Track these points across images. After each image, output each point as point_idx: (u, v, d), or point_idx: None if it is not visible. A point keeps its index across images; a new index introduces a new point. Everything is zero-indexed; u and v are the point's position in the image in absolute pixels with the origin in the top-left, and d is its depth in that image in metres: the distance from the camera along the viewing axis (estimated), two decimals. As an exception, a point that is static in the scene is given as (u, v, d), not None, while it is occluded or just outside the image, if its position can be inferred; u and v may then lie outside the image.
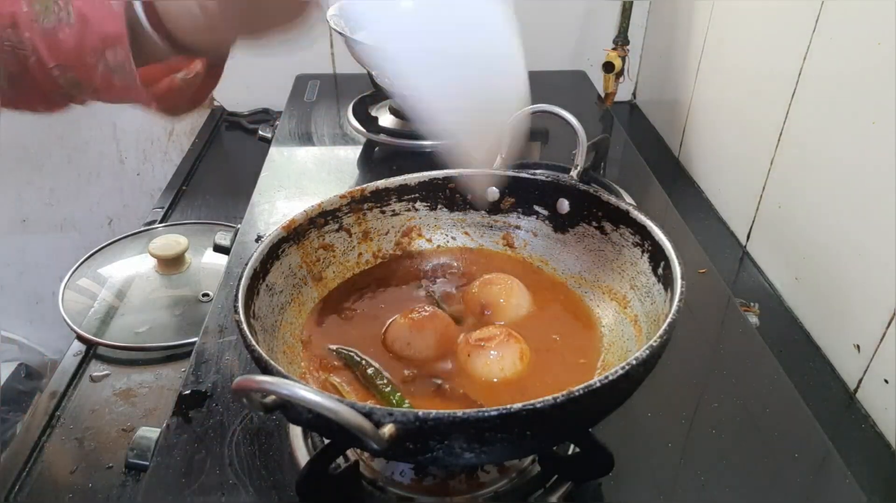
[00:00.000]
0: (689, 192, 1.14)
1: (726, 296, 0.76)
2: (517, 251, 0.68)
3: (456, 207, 0.68)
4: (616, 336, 0.57)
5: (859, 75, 0.74)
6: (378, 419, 0.39)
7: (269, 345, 0.53)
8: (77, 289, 0.91)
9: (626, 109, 1.46)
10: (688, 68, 1.17)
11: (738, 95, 1.01)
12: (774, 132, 0.89)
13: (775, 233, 0.91)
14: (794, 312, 0.86)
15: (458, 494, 0.53)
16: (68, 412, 0.73)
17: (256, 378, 0.39)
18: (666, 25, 1.30)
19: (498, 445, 0.43)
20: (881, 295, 0.70)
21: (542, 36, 1.40)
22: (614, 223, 0.61)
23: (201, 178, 1.25)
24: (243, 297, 0.50)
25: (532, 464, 0.56)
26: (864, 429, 0.72)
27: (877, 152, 0.71)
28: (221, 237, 0.88)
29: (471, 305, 0.61)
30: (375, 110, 1.14)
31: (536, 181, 0.66)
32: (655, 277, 0.55)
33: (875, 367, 0.72)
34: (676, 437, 0.59)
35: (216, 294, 0.76)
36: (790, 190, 0.88)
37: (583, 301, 0.62)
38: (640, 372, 0.44)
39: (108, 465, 0.67)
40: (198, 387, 0.63)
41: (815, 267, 0.83)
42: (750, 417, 0.60)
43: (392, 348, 0.57)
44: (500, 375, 0.53)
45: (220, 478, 0.54)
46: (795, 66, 0.84)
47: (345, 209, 0.64)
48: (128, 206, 1.54)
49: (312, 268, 0.62)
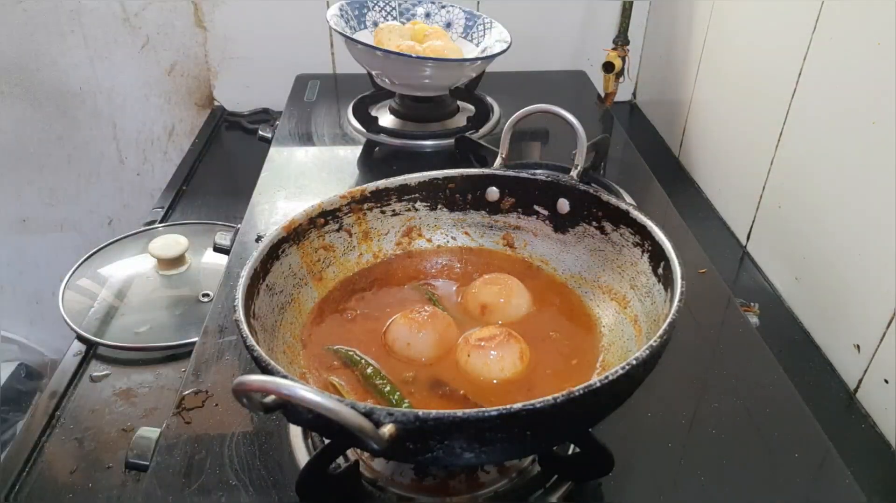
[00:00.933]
0: (689, 192, 1.14)
1: (726, 296, 0.76)
2: (517, 251, 0.68)
3: (456, 207, 0.68)
4: (616, 336, 0.57)
5: (859, 75, 0.74)
6: (378, 419, 0.39)
7: (269, 345, 0.53)
8: (77, 290, 0.91)
9: (626, 109, 1.46)
10: (688, 68, 1.17)
11: (738, 95, 1.01)
12: (774, 132, 0.89)
13: (775, 233, 0.91)
14: (794, 312, 0.86)
15: (458, 494, 0.53)
16: (68, 412, 0.73)
17: (256, 378, 0.39)
18: (666, 25, 1.30)
19: (498, 445, 0.43)
20: (881, 295, 0.70)
21: (542, 36, 1.40)
22: (614, 223, 0.61)
23: (201, 178, 1.25)
24: (243, 297, 0.50)
25: (532, 464, 0.56)
26: (864, 429, 0.72)
27: (877, 152, 0.71)
28: (221, 237, 0.88)
29: (471, 305, 0.61)
30: (375, 110, 1.14)
31: (536, 181, 0.66)
32: (655, 277, 0.55)
33: (875, 367, 0.72)
34: (676, 437, 0.59)
35: (216, 294, 0.76)
36: (790, 190, 0.88)
37: (583, 301, 0.62)
38: (640, 372, 0.44)
39: (108, 465, 0.67)
40: (198, 387, 0.63)
41: (815, 267, 0.83)
42: (750, 417, 0.60)
43: (392, 348, 0.57)
44: (500, 375, 0.53)
45: (220, 478, 0.54)
46: (795, 66, 0.84)
47: (345, 209, 0.64)
48: (128, 206, 1.54)
49: (312, 268, 0.62)
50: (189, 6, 1.36)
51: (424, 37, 1.10)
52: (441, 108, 1.13)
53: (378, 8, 1.16)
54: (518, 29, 1.11)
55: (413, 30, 1.11)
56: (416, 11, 1.18)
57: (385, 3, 1.16)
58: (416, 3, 1.18)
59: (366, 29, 1.14)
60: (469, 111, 1.15)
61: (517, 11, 1.33)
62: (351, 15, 1.12)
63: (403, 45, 1.05)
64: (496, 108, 1.16)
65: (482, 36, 1.15)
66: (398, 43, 1.06)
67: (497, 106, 1.17)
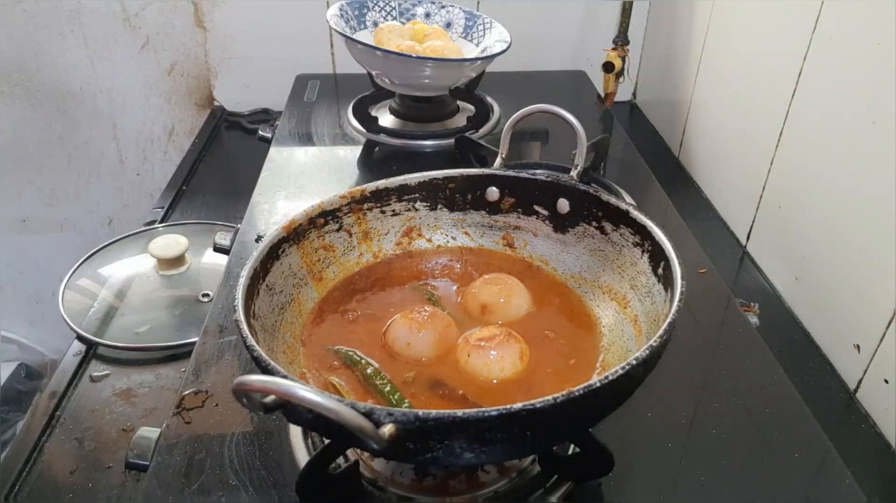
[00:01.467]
0: (689, 192, 1.14)
1: (726, 296, 0.76)
2: (517, 251, 0.68)
3: (456, 207, 0.68)
4: (616, 336, 0.57)
5: (859, 75, 0.74)
6: (378, 419, 0.39)
7: (269, 345, 0.53)
8: (77, 289, 0.91)
9: (626, 109, 1.46)
10: (688, 68, 1.17)
11: (738, 95, 1.01)
12: (774, 132, 0.89)
13: (775, 233, 0.91)
14: (794, 312, 0.86)
15: (458, 494, 0.53)
16: (68, 412, 0.73)
17: (256, 378, 0.39)
18: (666, 25, 1.30)
19: (498, 445, 0.43)
20: (881, 295, 0.70)
21: (542, 36, 1.40)
22: (614, 223, 0.61)
23: (201, 178, 1.25)
24: (243, 297, 0.50)
25: (532, 464, 0.56)
26: (864, 429, 0.72)
27: (877, 152, 0.71)
28: (221, 237, 0.88)
29: (471, 305, 0.61)
30: (375, 110, 1.14)
31: (536, 181, 0.66)
32: (655, 277, 0.55)
33: (875, 367, 0.72)
34: (676, 437, 0.59)
35: (216, 294, 0.76)
36: (790, 190, 0.88)
37: (583, 301, 0.62)
38: (640, 372, 0.44)
39: (108, 465, 0.67)
40: (198, 387, 0.63)
41: (815, 267, 0.83)
42: (750, 417, 0.60)
43: (392, 348, 0.57)
44: (500, 375, 0.53)
45: (220, 478, 0.54)
46: (795, 66, 0.84)
47: (345, 209, 0.64)
48: (128, 206, 1.54)
49: (312, 268, 0.62)
50: (189, 6, 1.36)
51: (424, 37, 1.10)
52: (441, 108, 1.13)
53: (378, 8, 1.16)
54: (518, 29, 1.11)
55: (413, 30, 1.11)
56: (416, 11, 1.18)
57: (385, 3, 1.16)
58: (416, 3, 1.18)
59: (366, 29, 1.14)
60: (469, 111, 1.15)
61: (517, 11, 1.33)
62: (351, 15, 1.12)
63: (403, 45, 1.05)
64: (496, 108, 1.16)
65: (482, 36, 1.15)
66: (398, 43, 1.06)
67: (497, 106, 1.17)
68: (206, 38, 1.39)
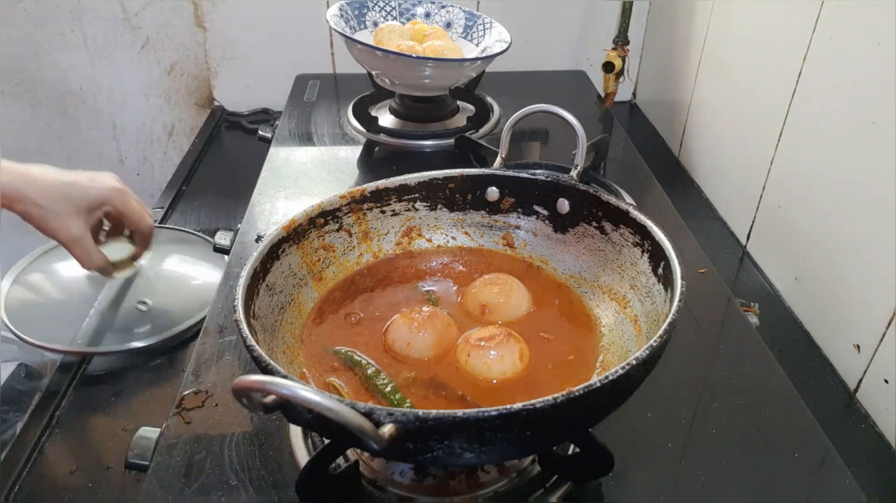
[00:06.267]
0: (689, 192, 1.14)
1: (726, 296, 0.76)
2: (517, 251, 0.68)
3: (456, 207, 0.68)
4: (616, 336, 0.57)
5: (859, 75, 0.74)
6: (378, 419, 0.39)
7: (269, 345, 0.53)
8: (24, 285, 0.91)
9: (626, 109, 1.46)
10: (688, 68, 1.17)
11: (738, 95, 1.01)
12: (774, 132, 0.89)
13: (775, 233, 0.91)
14: (794, 312, 0.86)
15: (458, 494, 0.53)
16: (68, 412, 0.73)
17: (256, 378, 0.39)
18: (666, 25, 1.30)
19: (498, 445, 0.43)
20: (881, 295, 0.70)
21: (542, 36, 1.40)
22: (614, 223, 0.61)
23: (201, 178, 1.25)
24: (243, 297, 0.50)
25: (532, 464, 0.56)
26: (864, 429, 0.72)
27: (877, 152, 0.71)
28: (221, 237, 0.88)
29: (470, 305, 0.61)
30: (375, 110, 1.14)
31: (536, 181, 0.66)
32: (655, 277, 0.55)
33: (875, 367, 0.72)
34: (676, 437, 0.59)
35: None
36: (790, 190, 0.88)
37: (583, 301, 0.62)
38: (640, 372, 0.44)
39: (107, 465, 0.67)
40: (198, 387, 0.63)
41: (815, 267, 0.83)
42: (750, 417, 0.60)
43: (392, 348, 0.57)
44: (500, 375, 0.53)
45: (219, 478, 0.54)
46: (795, 66, 0.84)
47: (345, 209, 0.64)
48: (128, 205, 1.54)
49: (312, 268, 0.62)
50: (189, 6, 1.36)
51: (424, 37, 1.10)
52: (441, 108, 1.13)
53: (378, 8, 1.16)
54: (518, 29, 1.11)
55: (413, 30, 1.11)
56: (416, 11, 1.18)
57: (385, 3, 1.16)
58: (416, 3, 1.18)
59: (366, 29, 1.14)
60: (469, 111, 1.15)
61: (517, 11, 1.33)
62: (351, 15, 1.12)
63: (403, 45, 1.05)
64: (496, 108, 1.16)
65: (482, 36, 1.15)
66: (398, 43, 1.06)
67: (497, 106, 1.17)
68: (206, 38, 1.39)
